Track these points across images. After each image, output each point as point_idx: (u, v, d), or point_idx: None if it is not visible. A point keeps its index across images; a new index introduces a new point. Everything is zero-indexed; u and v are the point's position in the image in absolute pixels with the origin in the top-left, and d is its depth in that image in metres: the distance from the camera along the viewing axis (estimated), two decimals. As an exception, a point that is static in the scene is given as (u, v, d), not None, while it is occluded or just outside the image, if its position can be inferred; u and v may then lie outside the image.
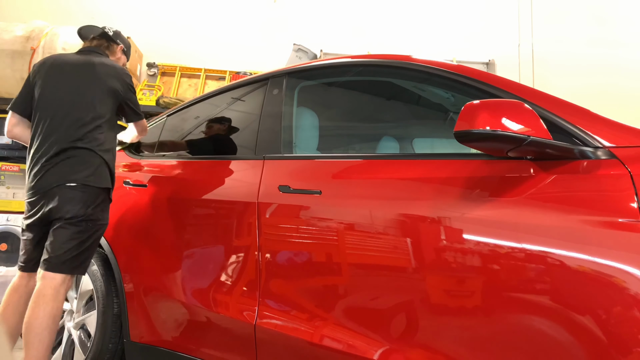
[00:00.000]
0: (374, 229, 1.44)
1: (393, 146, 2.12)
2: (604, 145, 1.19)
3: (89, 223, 1.95)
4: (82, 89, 2.06)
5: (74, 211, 1.91)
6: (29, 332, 1.82)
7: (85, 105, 2.04)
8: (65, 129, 1.99)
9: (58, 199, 1.91)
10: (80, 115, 2.01)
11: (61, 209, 1.91)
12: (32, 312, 1.84)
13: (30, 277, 2.01)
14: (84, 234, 1.94)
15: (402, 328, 1.34)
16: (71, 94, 2.05)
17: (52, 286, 1.87)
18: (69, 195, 1.92)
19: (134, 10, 5.82)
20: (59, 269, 1.89)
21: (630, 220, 1.06)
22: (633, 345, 1.01)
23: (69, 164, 1.96)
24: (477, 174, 1.32)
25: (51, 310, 1.84)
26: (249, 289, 1.70)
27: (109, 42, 2.33)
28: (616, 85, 5.54)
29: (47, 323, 1.83)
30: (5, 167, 4.60)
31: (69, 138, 1.98)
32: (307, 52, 5.26)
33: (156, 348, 1.98)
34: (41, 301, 1.84)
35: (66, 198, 1.91)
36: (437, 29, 5.88)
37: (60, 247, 1.89)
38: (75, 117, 2.01)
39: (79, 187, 1.94)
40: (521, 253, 1.16)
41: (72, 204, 1.91)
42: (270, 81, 2.04)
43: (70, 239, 1.90)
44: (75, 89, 2.06)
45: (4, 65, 4.55)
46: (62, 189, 1.92)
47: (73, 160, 1.96)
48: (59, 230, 1.91)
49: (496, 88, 1.43)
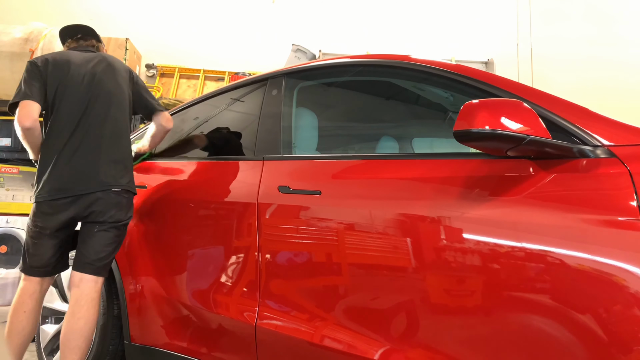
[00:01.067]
0: (374, 229, 1.44)
1: (392, 146, 2.12)
2: (603, 144, 1.19)
3: (126, 227, 2.01)
4: (113, 87, 2.02)
5: (119, 216, 1.92)
6: (68, 341, 1.79)
7: (121, 104, 2.02)
8: (105, 130, 1.95)
9: (104, 203, 1.88)
10: (118, 116, 1.99)
11: (106, 213, 1.88)
12: (81, 316, 1.81)
13: (44, 282, 1.95)
14: (122, 237, 1.99)
15: (403, 328, 1.34)
16: (107, 92, 1.99)
17: (97, 290, 1.87)
18: (115, 201, 1.91)
19: (133, 12, 5.82)
20: (102, 272, 1.90)
21: (629, 218, 1.06)
22: (633, 343, 1.01)
23: (115, 168, 1.94)
24: (476, 173, 1.32)
25: (96, 312, 1.86)
26: (249, 290, 1.70)
27: (98, 42, 2.24)
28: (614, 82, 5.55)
29: (94, 326, 1.87)
30: (4, 170, 4.60)
31: (109, 141, 1.95)
32: (306, 53, 5.27)
33: (156, 350, 1.98)
34: (90, 305, 1.84)
35: (112, 203, 1.90)
36: (436, 28, 5.89)
37: (103, 250, 1.89)
38: (113, 118, 1.98)
39: (123, 193, 1.95)
40: (521, 252, 1.16)
41: (117, 209, 1.91)
42: (269, 82, 2.03)
43: (112, 242, 1.92)
44: (111, 85, 2.01)
45: (3, 67, 4.55)
46: (109, 194, 1.89)
47: (118, 165, 1.95)
48: (102, 233, 1.89)
49: (495, 87, 1.43)
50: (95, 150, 1.92)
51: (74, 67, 1.98)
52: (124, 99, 2.06)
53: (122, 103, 2.05)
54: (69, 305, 1.84)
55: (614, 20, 5.83)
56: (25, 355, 1.92)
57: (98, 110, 1.96)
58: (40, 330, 2.26)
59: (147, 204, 2.16)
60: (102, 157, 1.92)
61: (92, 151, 1.91)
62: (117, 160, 1.96)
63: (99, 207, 1.87)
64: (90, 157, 1.90)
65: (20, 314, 1.89)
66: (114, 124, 1.99)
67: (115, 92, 2.03)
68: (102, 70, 2.03)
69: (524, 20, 5.88)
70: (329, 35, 5.75)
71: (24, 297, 1.90)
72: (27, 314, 1.89)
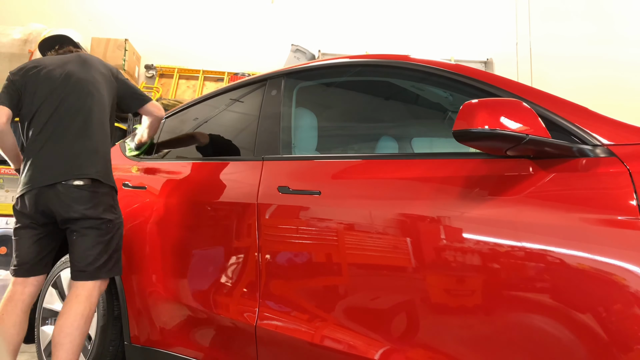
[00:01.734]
0: (374, 229, 1.44)
1: (392, 146, 2.12)
2: (602, 143, 1.19)
3: (112, 225, 1.90)
4: (87, 80, 1.99)
5: (87, 212, 1.83)
6: (60, 332, 1.74)
7: (96, 94, 1.99)
8: (76, 122, 1.91)
9: (65, 197, 1.81)
10: (92, 106, 1.95)
11: (69, 209, 1.81)
12: (63, 312, 1.77)
13: (26, 284, 1.89)
14: (108, 236, 1.89)
15: (403, 328, 1.34)
16: (80, 86, 1.96)
17: (85, 288, 1.82)
18: (76, 195, 1.82)
19: (132, 12, 5.82)
20: (99, 274, 1.85)
21: (629, 217, 1.06)
22: (634, 342, 1.01)
23: (82, 158, 1.88)
24: (476, 173, 1.32)
25: (83, 310, 1.78)
26: (249, 290, 1.70)
27: (76, 48, 2.22)
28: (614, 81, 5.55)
29: (79, 323, 1.76)
30: (4, 171, 4.60)
31: (79, 132, 1.91)
32: (305, 53, 5.27)
33: (157, 350, 1.98)
34: (74, 301, 1.78)
35: (74, 197, 1.82)
36: (435, 28, 5.89)
37: (89, 255, 1.83)
38: (88, 109, 1.94)
39: (89, 186, 1.86)
40: (521, 252, 1.16)
41: (82, 204, 1.83)
42: (268, 82, 2.03)
43: (96, 244, 1.84)
44: (84, 78, 1.99)
45: (2, 68, 4.54)
46: (69, 188, 1.83)
47: (88, 155, 1.90)
48: (80, 238, 1.83)
49: (494, 87, 1.43)
50: (62, 141, 1.87)
51: (50, 69, 1.98)
52: (101, 90, 2.01)
53: (98, 94, 1.99)
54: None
55: (613, 19, 5.83)
56: (25, 356, 1.91)
57: (71, 103, 1.93)
58: (41, 332, 2.26)
59: (147, 205, 2.16)
60: (69, 147, 1.86)
61: (59, 142, 1.87)
62: (86, 150, 1.88)
63: (61, 203, 1.80)
64: (56, 149, 1.86)
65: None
66: (87, 114, 1.93)
67: (89, 84, 1.98)
68: (75, 66, 2.01)
69: (523, 19, 5.88)
70: (328, 36, 5.75)
71: (5, 300, 1.87)
72: (4, 317, 1.82)
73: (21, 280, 1.89)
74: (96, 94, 1.99)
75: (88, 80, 2.00)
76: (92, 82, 2.00)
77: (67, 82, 1.96)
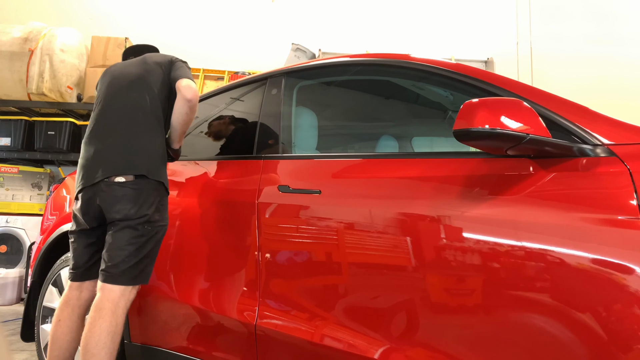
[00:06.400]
0: (374, 228, 1.44)
1: (392, 145, 2.12)
2: (603, 142, 1.19)
3: (152, 227, 1.76)
4: (140, 73, 1.95)
5: (127, 211, 1.72)
6: (86, 352, 1.60)
7: (147, 87, 1.94)
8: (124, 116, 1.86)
9: (106, 197, 1.73)
10: (141, 100, 1.89)
11: (111, 209, 1.73)
12: (88, 329, 1.63)
13: (82, 289, 1.82)
14: (144, 239, 1.74)
15: (403, 327, 1.34)
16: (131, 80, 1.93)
17: (111, 299, 1.66)
18: (119, 193, 1.72)
19: (132, 11, 5.82)
20: (119, 280, 1.69)
21: (629, 217, 1.06)
22: (634, 342, 1.01)
23: (126, 153, 1.82)
24: (476, 172, 1.32)
25: (108, 326, 1.62)
26: (249, 289, 1.70)
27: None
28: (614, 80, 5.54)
29: (104, 341, 1.60)
30: (4, 169, 4.60)
31: (125, 126, 1.86)
32: (306, 52, 5.26)
33: (157, 349, 1.98)
34: (97, 316, 1.63)
35: (116, 196, 1.72)
36: (436, 27, 5.88)
37: (117, 255, 1.70)
38: (135, 102, 1.88)
39: (131, 183, 1.75)
40: (521, 251, 1.16)
41: (123, 203, 1.72)
42: (268, 81, 2.03)
43: (128, 244, 1.70)
44: (138, 72, 1.95)
45: (2, 66, 4.55)
46: (111, 185, 1.75)
47: (132, 150, 1.83)
48: (116, 234, 1.72)
49: (495, 86, 1.43)
50: (105, 138, 1.79)
51: (112, 70, 2.02)
52: (154, 83, 1.90)
53: (149, 87, 1.88)
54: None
55: (614, 19, 5.82)
56: (24, 354, 1.90)
57: (122, 97, 1.87)
58: (40, 330, 2.26)
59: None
60: (113, 142, 1.77)
61: (101, 139, 1.79)
62: (131, 146, 1.77)
63: (103, 203, 1.72)
64: (98, 146, 1.78)
65: (55, 324, 1.78)
66: (134, 108, 1.84)
67: (140, 78, 1.90)
68: (134, 64, 1.98)
69: (523, 18, 5.87)
70: (328, 35, 5.74)
71: (61, 305, 1.81)
72: (61, 323, 1.77)
73: (77, 285, 1.82)
74: (147, 87, 1.88)
75: (142, 73, 1.91)
76: (143, 76, 1.90)
77: (121, 79, 1.92)
